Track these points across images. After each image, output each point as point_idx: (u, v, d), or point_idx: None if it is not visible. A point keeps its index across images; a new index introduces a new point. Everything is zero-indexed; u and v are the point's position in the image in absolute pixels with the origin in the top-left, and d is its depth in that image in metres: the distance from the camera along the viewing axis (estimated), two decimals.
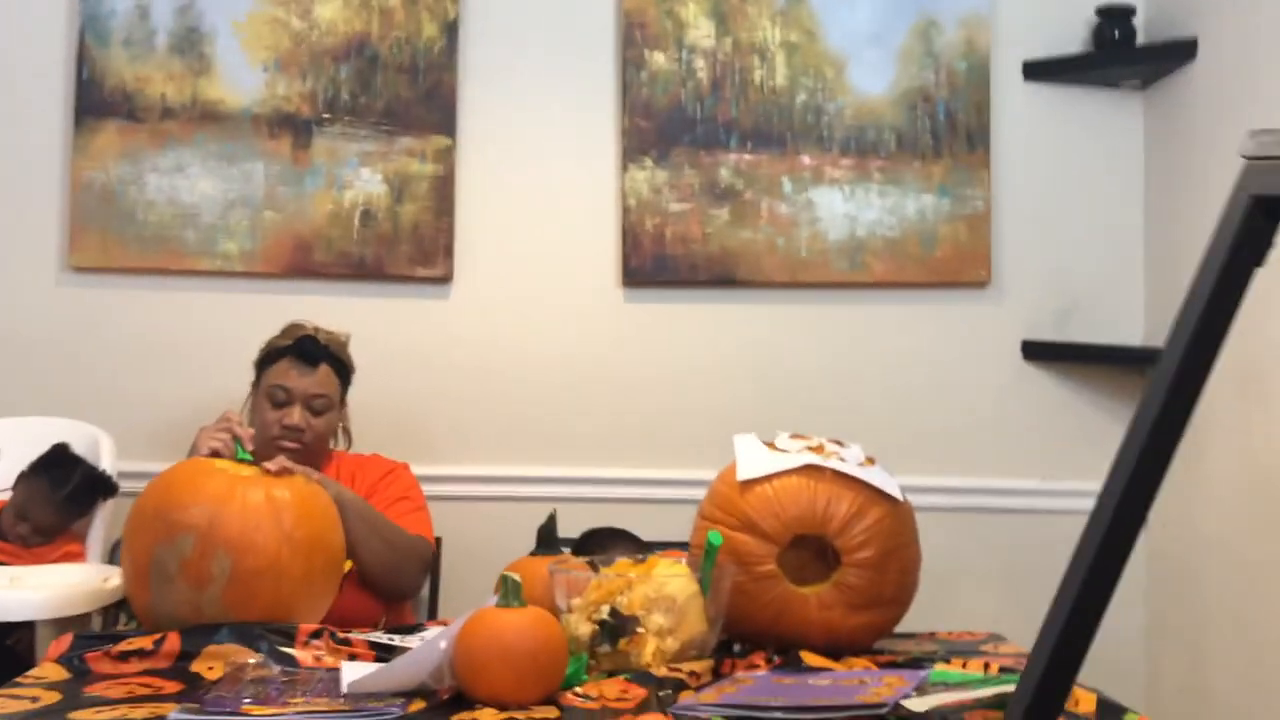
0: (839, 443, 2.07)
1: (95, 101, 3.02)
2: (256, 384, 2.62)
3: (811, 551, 1.97)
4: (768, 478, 1.99)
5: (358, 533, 2.28)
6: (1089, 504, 3.24)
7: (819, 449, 2.04)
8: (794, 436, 2.09)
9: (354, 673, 1.67)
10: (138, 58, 3.03)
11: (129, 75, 3.03)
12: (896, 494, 2.01)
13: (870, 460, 2.05)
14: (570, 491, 2.98)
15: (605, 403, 3.09)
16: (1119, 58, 3.00)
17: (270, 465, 2.08)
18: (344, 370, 2.64)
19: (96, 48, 3.03)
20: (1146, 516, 0.92)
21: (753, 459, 2.03)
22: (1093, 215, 3.12)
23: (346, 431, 2.75)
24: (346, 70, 3.06)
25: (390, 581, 2.43)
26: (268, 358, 2.60)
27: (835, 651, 1.91)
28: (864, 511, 1.96)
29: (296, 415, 2.52)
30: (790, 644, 1.92)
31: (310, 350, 2.56)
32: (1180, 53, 2.86)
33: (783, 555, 1.95)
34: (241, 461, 2.13)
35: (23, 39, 3.07)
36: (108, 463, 2.76)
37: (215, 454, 2.30)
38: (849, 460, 2.02)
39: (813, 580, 1.95)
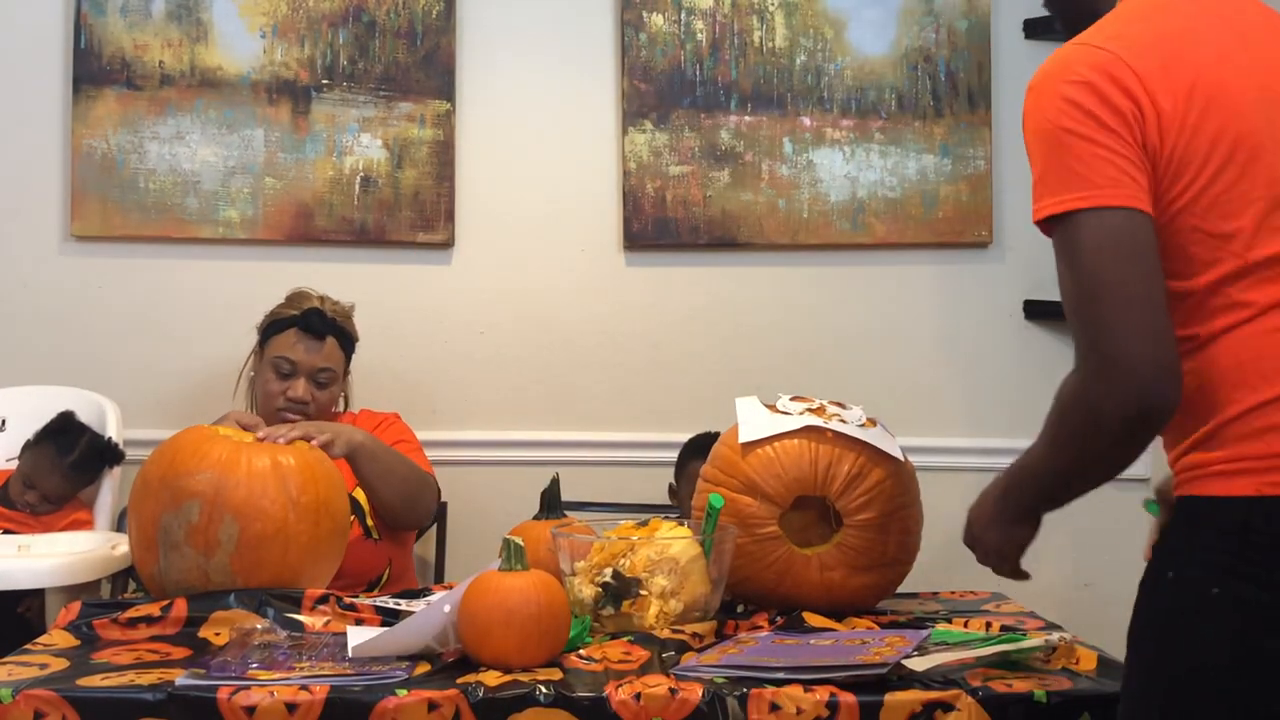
0: (840, 404, 2.08)
1: (94, 70, 3.01)
2: (261, 351, 2.62)
3: (814, 513, 1.98)
4: (769, 439, 2.00)
5: (378, 468, 2.34)
6: None
7: (820, 411, 2.05)
8: (795, 398, 2.09)
9: (359, 637, 1.69)
10: (135, 25, 3.02)
11: (127, 43, 3.02)
12: (898, 455, 2.02)
13: (871, 422, 2.05)
14: (573, 455, 2.99)
15: (607, 366, 3.10)
16: None
17: (280, 438, 2.10)
18: (349, 342, 2.65)
19: (94, 15, 3.01)
20: None
21: (754, 421, 2.03)
22: None
23: (345, 398, 2.76)
24: (344, 35, 3.05)
25: (408, 513, 2.48)
26: (273, 326, 2.60)
27: (838, 612, 1.93)
28: (865, 473, 1.97)
29: (301, 388, 2.53)
30: (793, 605, 1.94)
31: (318, 324, 2.56)
32: None
33: (785, 517, 1.96)
34: None
35: (20, 7, 3.05)
36: (113, 430, 2.77)
37: None
38: (850, 422, 2.02)
39: (815, 542, 1.97)
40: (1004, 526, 1.66)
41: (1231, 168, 1.39)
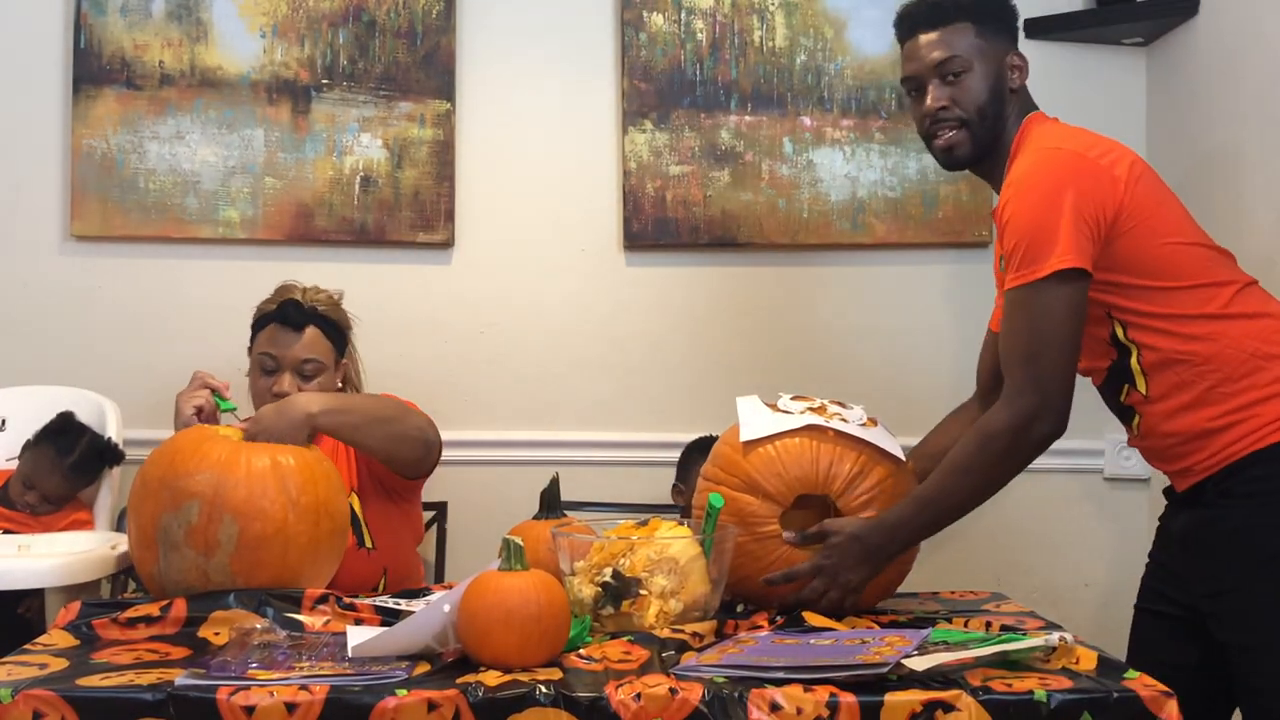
0: (842, 404, 2.08)
1: (93, 69, 3.01)
2: (250, 349, 2.59)
3: (815, 512, 1.98)
4: (770, 438, 2.00)
5: (349, 421, 2.28)
6: (1091, 463, 3.22)
7: (821, 410, 2.05)
8: (796, 398, 2.09)
9: (359, 637, 1.69)
10: (135, 25, 3.02)
11: (127, 42, 3.02)
12: (899, 455, 2.02)
13: (873, 421, 2.05)
14: (573, 455, 2.99)
15: (607, 366, 3.10)
16: (1121, 14, 2.98)
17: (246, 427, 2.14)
18: (334, 329, 2.56)
19: (94, 15, 3.01)
20: None
21: (755, 420, 2.03)
22: None
23: (355, 389, 2.68)
24: (344, 35, 3.05)
25: (402, 446, 2.39)
26: (257, 323, 2.56)
27: (838, 612, 1.93)
28: (866, 471, 1.97)
29: (287, 383, 2.45)
30: (793, 604, 1.94)
31: (294, 315, 2.49)
32: (1182, 9, 2.84)
33: (786, 516, 1.96)
34: (225, 411, 2.30)
35: (20, 7, 3.05)
36: (113, 430, 2.77)
37: (199, 410, 2.32)
38: (851, 421, 2.02)
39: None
40: (879, 564, 1.93)
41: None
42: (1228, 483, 1.88)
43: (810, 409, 2.05)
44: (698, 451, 2.81)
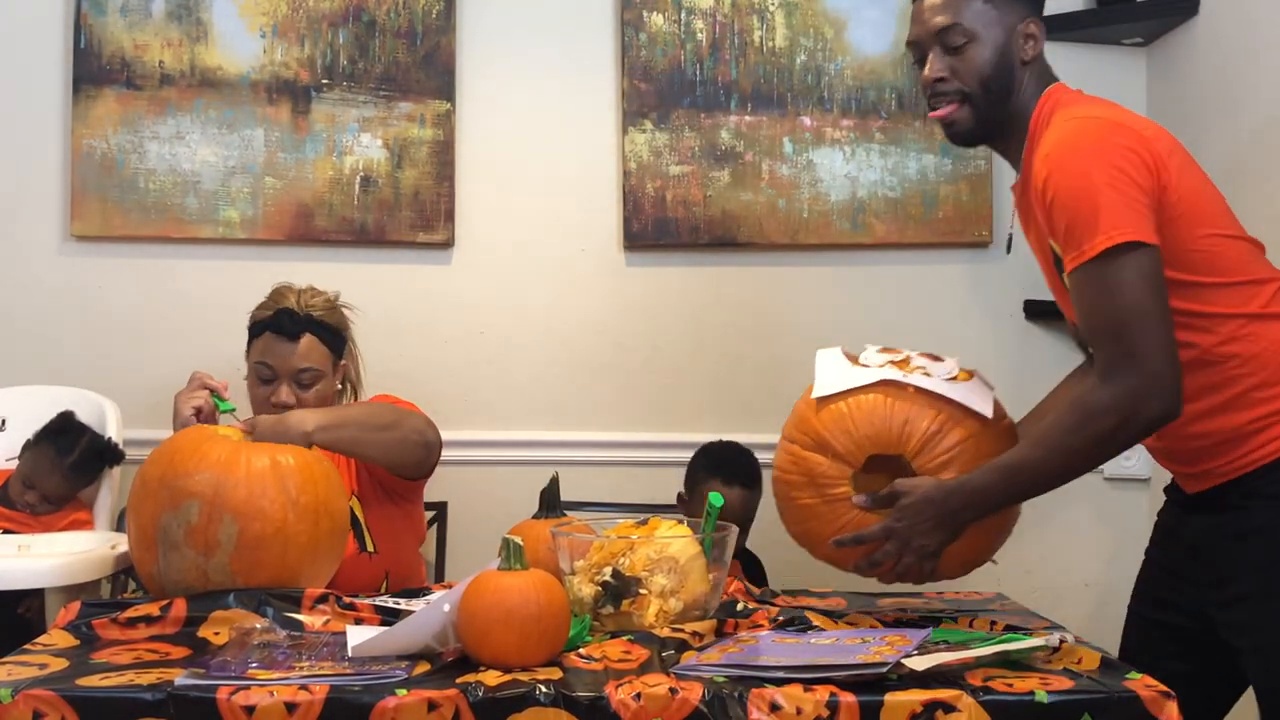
0: (931, 356, 1.95)
1: (93, 70, 3.01)
2: (247, 354, 2.57)
3: (891, 474, 1.86)
4: (844, 394, 1.89)
5: (346, 436, 2.26)
6: None
7: (904, 363, 1.92)
8: (882, 350, 1.98)
9: (359, 636, 1.69)
10: (135, 25, 3.02)
11: (127, 43, 3.02)
12: (986, 412, 1.88)
13: (967, 374, 1.93)
14: (573, 455, 2.99)
15: (607, 366, 3.10)
16: (1121, 14, 2.98)
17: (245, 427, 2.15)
18: (331, 334, 2.52)
19: (94, 15, 3.01)
20: None
21: (830, 375, 1.92)
22: None
23: (353, 386, 2.67)
24: (344, 35, 3.05)
25: (403, 450, 2.37)
26: (252, 330, 2.52)
27: (842, 612, 1.92)
28: (945, 430, 1.85)
29: (284, 393, 2.44)
30: (866, 569, 1.86)
31: (289, 325, 2.46)
32: (1182, 9, 2.84)
33: (859, 477, 1.87)
34: (225, 412, 2.29)
35: (20, 7, 3.05)
36: (113, 430, 2.77)
37: (198, 411, 2.31)
38: (936, 375, 1.89)
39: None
40: (956, 530, 1.82)
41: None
42: (1252, 484, 1.79)
43: (892, 362, 1.92)
44: (706, 467, 2.74)
